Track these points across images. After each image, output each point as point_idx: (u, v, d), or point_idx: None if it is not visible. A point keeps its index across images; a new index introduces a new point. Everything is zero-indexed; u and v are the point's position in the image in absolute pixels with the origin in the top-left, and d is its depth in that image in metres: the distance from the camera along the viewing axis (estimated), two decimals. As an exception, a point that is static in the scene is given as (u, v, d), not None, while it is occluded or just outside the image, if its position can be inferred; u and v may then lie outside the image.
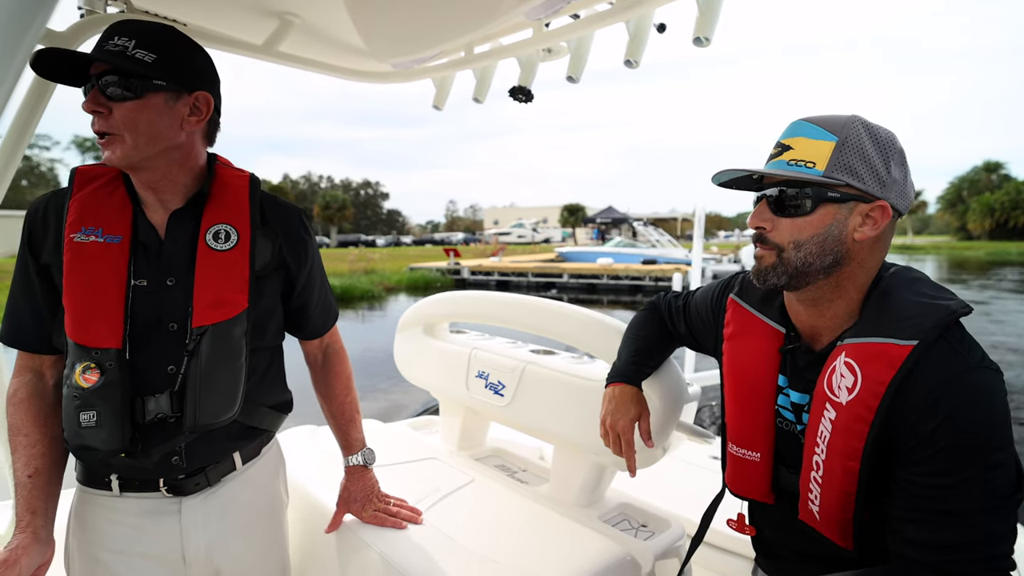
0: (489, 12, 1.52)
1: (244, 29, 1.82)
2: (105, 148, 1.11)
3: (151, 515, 1.25)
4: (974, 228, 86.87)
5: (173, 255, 1.21)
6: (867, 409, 0.94)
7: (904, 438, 0.92)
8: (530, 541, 1.55)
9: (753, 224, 1.06)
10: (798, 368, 1.12)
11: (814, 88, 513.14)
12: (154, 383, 1.18)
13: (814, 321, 1.09)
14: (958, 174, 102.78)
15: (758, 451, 1.19)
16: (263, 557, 1.42)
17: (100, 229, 1.16)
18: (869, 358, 0.96)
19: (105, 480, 1.24)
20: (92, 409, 1.12)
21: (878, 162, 0.98)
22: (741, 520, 1.33)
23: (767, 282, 1.06)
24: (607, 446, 1.38)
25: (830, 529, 1.05)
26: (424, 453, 2.06)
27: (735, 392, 1.23)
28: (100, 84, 1.09)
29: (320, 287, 1.47)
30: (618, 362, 1.47)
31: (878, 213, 0.99)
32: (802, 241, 1.00)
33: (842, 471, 0.99)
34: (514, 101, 2.04)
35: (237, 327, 1.23)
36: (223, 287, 1.22)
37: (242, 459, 1.36)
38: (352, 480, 1.57)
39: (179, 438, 1.22)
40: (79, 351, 1.13)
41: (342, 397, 1.55)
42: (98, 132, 1.11)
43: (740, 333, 1.23)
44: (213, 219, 1.24)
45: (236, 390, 1.25)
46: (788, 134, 1.03)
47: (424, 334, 2.29)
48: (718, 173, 1.10)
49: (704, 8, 1.58)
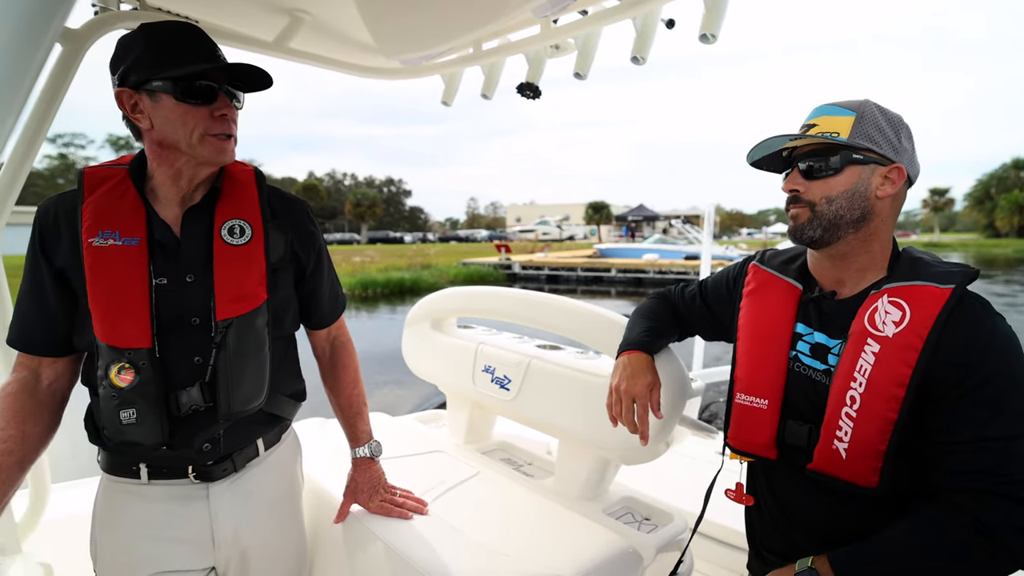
0: (497, 9, 1.53)
1: (255, 26, 1.84)
2: (228, 148, 1.23)
3: (180, 501, 1.30)
4: (1002, 225, 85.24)
5: (191, 252, 1.24)
6: (918, 337, 1.04)
7: (951, 368, 1.02)
8: (534, 533, 1.57)
9: (787, 188, 1.21)
10: (824, 314, 1.21)
11: (832, 84, 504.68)
12: (183, 376, 1.23)
13: (839, 275, 1.21)
14: (985, 171, 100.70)
15: (766, 398, 1.24)
16: (284, 537, 1.47)
17: (117, 232, 1.18)
18: (916, 296, 1.08)
19: (133, 468, 1.27)
20: (132, 407, 1.17)
21: (890, 133, 1.14)
22: (739, 489, 1.35)
23: (804, 236, 1.18)
24: (614, 418, 1.35)
25: (856, 466, 1.09)
26: (431, 446, 2.08)
27: (749, 341, 1.30)
28: (227, 92, 1.21)
29: (328, 277, 1.50)
30: (630, 335, 1.47)
31: (895, 174, 1.14)
32: (833, 196, 1.14)
33: (886, 399, 1.06)
34: (522, 97, 2.05)
35: (259, 318, 1.28)
36: (243, 280, 1.26)
37: (264, 445, 1.41)
38: (359, 471, 1.59)
39: (215, 426, 1.27)
40: (112, 352, 1.16)
41: (349, 390, 1.58)
42: (230, 134, 1.22)
43: (759, 289, 1.33)
44: (226, 215, 1.28)
45: (263, 378, 1.30)
46: (811, 116, 1.19)
47: (432, 329, 2.31)
48: (752, 150, 1.24)
49: (711, 5, 1.57)
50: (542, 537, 1.55)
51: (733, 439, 1.30)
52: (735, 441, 1.29)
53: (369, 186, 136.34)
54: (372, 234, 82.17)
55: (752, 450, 1.26)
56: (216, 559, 1.34)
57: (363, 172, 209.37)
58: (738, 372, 1.30)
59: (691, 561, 1.63)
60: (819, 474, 1.14)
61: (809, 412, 1.18)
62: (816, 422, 1.15)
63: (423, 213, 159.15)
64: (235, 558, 1.35)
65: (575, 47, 1.96)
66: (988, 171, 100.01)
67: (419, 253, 37.90)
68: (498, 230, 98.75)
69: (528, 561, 1.42)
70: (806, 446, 1.17)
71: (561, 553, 1.47)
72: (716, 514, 1.49)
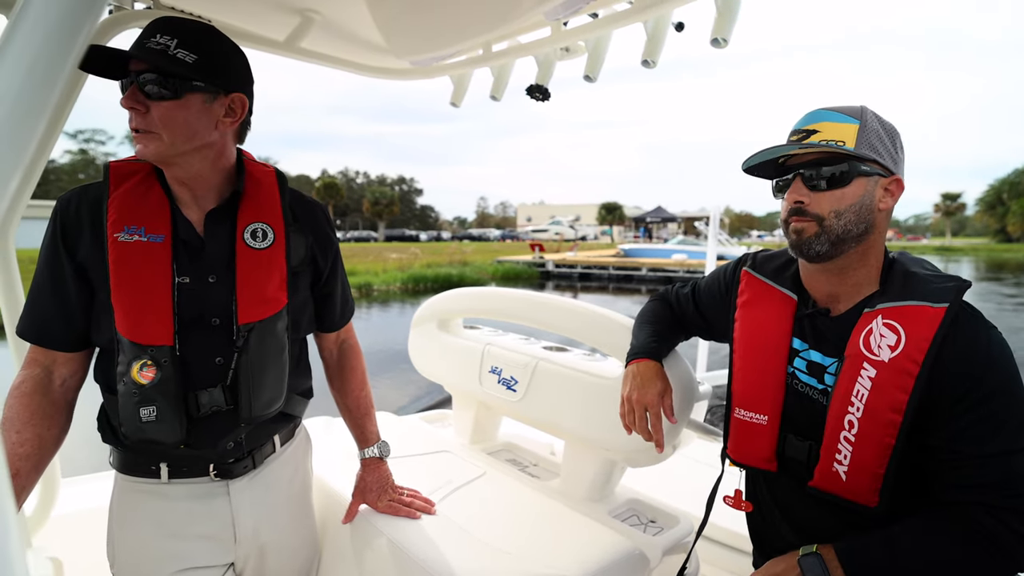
0: (508, 12, 1.53)
1: (267, 25, 1.85)
2: (139, 142, 1.13)
3: (202, 498, 1.30)
4: (1014, 231, 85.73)
5: (214, 253, 1.24)
6: (913, 363, 1.03)
7: (949, 388, 1.01)
8: (541, 534, 1.57)
9: (791, 199, 1.14)
10: (819, 331, 1.18)
11: (844, 84, 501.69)
12: (202, 376, 1.23)
13: (834, 289, 1.17)
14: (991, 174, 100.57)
15: (765, 413, 1.22)
16: (299, 531, 1.49)
17: (143, 228, 1.17)
18: (910, 318, 1.05)
19: (152, 468, 1.27)
20: (152, 404, 1.16)
21: (888, 142, 1.11)
22: (738, 496, 1.35)
23: (810, 251, 1.13)
24: (628, 426, 1.36)
25: (855, 487, 1.09)
26: (437, 446, 2.09)
27: (746, 355, 1.27)
28: (139, 81, 1.10)
29: (341, 280, 1.51)
30: (637, 342, 1.47)
31: (895, 186, 1.12)
32: (842, 210, 1.09)
33: (883, 425, 1.05)
34: (531, 99, 2.05)
35: (280, 322, 1.29)
36: (265, 285, 1.26)
37: (280, 441, 1.42)
38: (368, 471, 1.60)
39: (239, 429, 1.28)
40: (135, 349, 1.15)
41: (357, 392, 1.59)
42: (134, 128, 1.12)
43: (754, 300, 1.29)
44: (249, 218, 1.27)
45: (283, 382, 1.31)
46: (808, 121, 1.14)
47: (438, 329, 2.32)
48: (749, 157, 1.17)
49: (722, 9, 1.57)
50: (548, 538, 1.55)
51: (733, 452, 1.29)
52: (735, 454, 1.29)
53: (381, 184, 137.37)
54: (389, 232, 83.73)
55: (753, 464, 1.26)
56: (236, 555, 1.35)
57: (372, 170, 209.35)
58: (736, 387, 1.29)
59: (696, 564, 1.63)
60: (820, 491, 1.14)
61: (808, 429, 1.17)
62: (815, 439, 1.15)
63: (434, 211, 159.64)
64: (254, 553, 1.37)
65: (585, 50, 1.96)
66: (1000, 176, 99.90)
67: (457, 251, 40.19)
68: (507, 229, 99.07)
69: (535, 562, 1.43)
70: (806, 461, 1.17)
71: (567, 554, 1.47)
72: (721, 518, 1.49)
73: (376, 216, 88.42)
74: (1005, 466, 0.99)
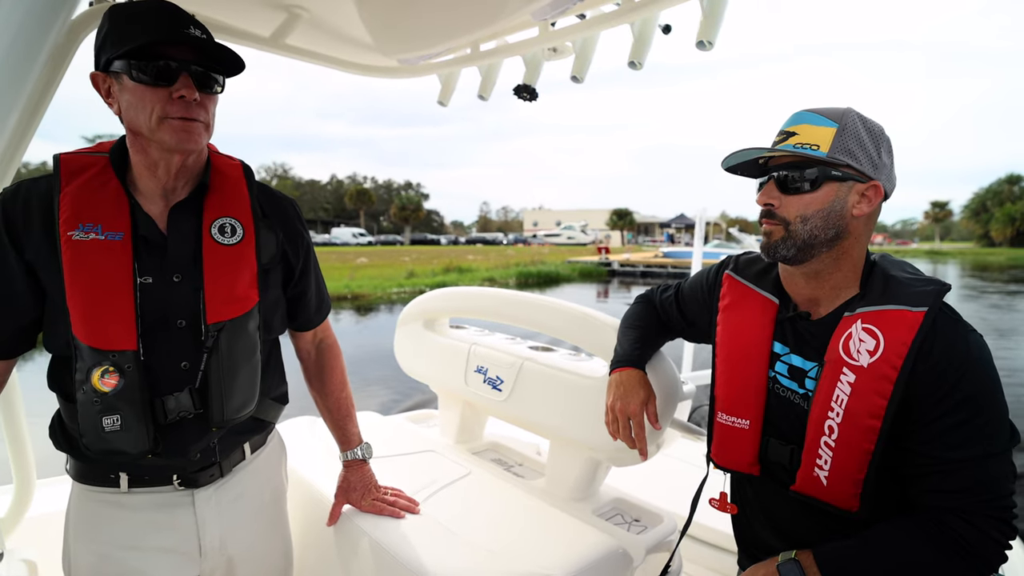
0: (496, 11, 1.53)
1: (252, 21, 1.84)
2: (193, 132, 1.12)
3: (164, 509, 1.24)
4: (996, 236, 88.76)
5: (178, 250, 1.17)
6: (892, 368, 1.02)
7: (927, 393, 1.01)
8: (525, 533, 1.57)
9: (762, 201, 1.15)
10: (800, 335, 1.18)
11: (842, 89, 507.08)
12: (168, 381, 1.16)
13: (813, 293, 1.17)
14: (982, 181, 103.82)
15: (747, 418, 1.23)
16: (270, 543, 1.44)
17: (99, 225, 1.10)
18: (889, 322, 1.04)
19: (111, 477, 1.21)
20: (115, 413, 1.10)
21: (871, 147, 1.09)
22: (723, 499, 1.35)
23: (776, 254, 1.14)
24: (613, 434, 1.38)
25: (836, 492, 1.09)
26: (422, 446, 2.08)
27: (728, 359, 1.27)
28: (193, 73, 1.11)
29: (315, 277, 1.47)
30: (620, 349, 1.48)
31: (872, 192, 1.09)
32: (808, 215, 1.09)
33: (863, 430, 1.05)
34: (519, 99, 2.05)
35: (251, 321, 1.23)
36: (234, 282, 1.21)
37: (251, 449, 1.37)
38: (351, 472, 1.58)
39: (209, 435, 1.22)
40: (95, 355, 1.08)
41: (338, 392, 1.56)
42: (191, 118, 1.11)
43: (735, 304, 1.29)
44: (216, 212, 1.22)
45: (255, 384, 1.26)
46: (791, 123, 1.13)
47: (424, 329, 2.31)
48: (727, 157, 1.17)
49: (708, 12, 1.58)
50: (533, 537, 1.55)
51: (717, 456, 1.30)
52: (719, 459, 1.30)
53: (388, 189, 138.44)
54: (414, 236, 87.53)
55: (736, 468, 1.26)
56: (202, 568, 1.29)
57: (367, 174, 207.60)
58: (718, 391, 1.29)
59: (680, 563, 1.63)
60: (802, 495, 1.15)
61: (790, 433, 1.18)
62: (797, 443, 1.15)
63: (439, 215, 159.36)
64: (221, 566, 1.31)
65: (573, 51, 1.97)
66: (985, 184, 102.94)
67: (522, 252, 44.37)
68: (510, 234, 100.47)
69: (519, 561, 1.42)
70: (788, 465, 1.17)
71: (551, 553, 1.47)
72: (705, 517, 1.49)
73: (403, 221, 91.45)
74: (982, 471, 0.99)
